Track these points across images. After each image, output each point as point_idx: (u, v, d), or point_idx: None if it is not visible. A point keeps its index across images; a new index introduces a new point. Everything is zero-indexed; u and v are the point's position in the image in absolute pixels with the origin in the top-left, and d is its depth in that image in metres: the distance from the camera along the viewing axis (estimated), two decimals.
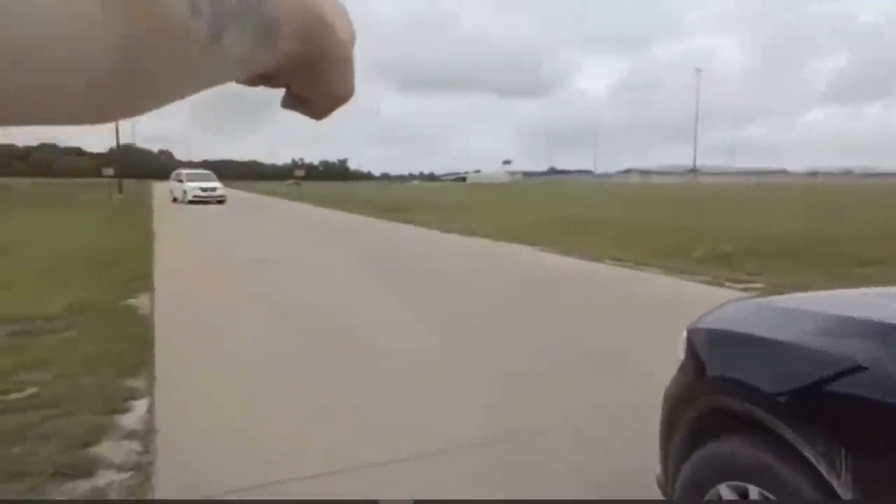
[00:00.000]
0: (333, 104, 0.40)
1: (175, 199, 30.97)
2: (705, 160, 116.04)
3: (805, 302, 2.01)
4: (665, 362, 2.20)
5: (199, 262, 10.47)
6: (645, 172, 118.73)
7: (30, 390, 3.99)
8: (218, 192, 30.14)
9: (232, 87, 0.36)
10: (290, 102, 0.40)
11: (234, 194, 37.71)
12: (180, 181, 31.32)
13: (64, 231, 15.29)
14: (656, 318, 6.16)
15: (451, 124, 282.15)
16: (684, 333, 2.08)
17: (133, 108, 0.28)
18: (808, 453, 1.50)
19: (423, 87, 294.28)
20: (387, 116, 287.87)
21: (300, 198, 36.63)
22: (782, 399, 1.61)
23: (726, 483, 1.77)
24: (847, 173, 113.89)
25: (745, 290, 7.57)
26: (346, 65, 0.38)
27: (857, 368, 1.48)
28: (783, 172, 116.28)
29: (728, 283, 8.05)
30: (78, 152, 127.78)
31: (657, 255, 10.49)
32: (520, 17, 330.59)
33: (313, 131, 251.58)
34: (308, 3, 0.34)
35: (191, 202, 28.83)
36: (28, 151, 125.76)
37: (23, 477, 2.84)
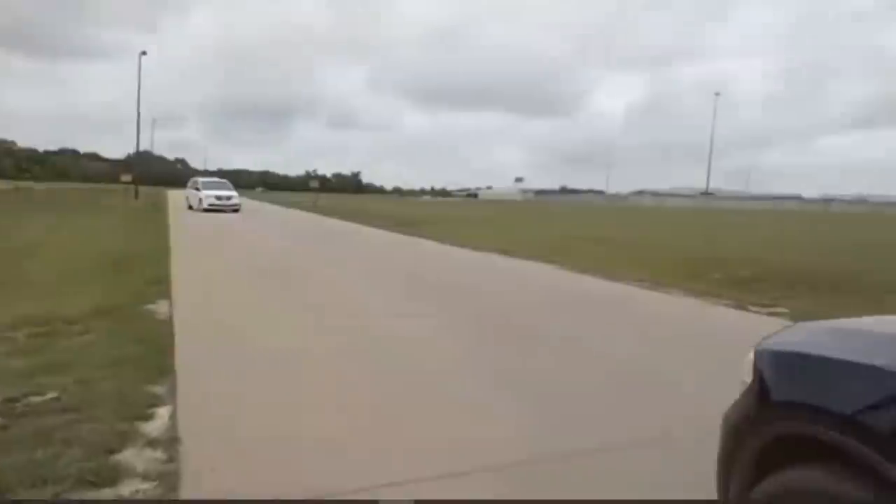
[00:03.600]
0: None
1: (191, 207, 31.14)
2: (719, 184, 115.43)
3: (877, 325, 1.90)
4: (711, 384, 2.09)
5: (216, 268, 10.44)
6: (657, 194, 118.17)
7: (50, 394, 3.92)
8: (233, 201, 30.29)
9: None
10: None
11: (249, 204, 37.88)
12: (196, 189, 31.53)
13: (83, 235, 15.35)
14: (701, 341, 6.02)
15: (465, 140, 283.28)
16: (750, 356, 1.97)
17: None
18: None
19: (438, 102, 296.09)
20: (400, 131, 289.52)
21: (314, 209, 36.73)
22: (873, 426, 1.50)
23: None
24: (862, 200, 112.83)
25: (770, 314, 7.43)
26: None
27: None
28: (798, 198, 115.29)
29: (751, 307, 7.90)
30: (96, 157, 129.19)
31: (677, 278, 10.34)
32: (538, 34, 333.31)
33: (327, 144, 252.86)
34: None
35: (206, 210, 28.98)
36: (47, 156, 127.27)
37: (45, 484, 2.76)
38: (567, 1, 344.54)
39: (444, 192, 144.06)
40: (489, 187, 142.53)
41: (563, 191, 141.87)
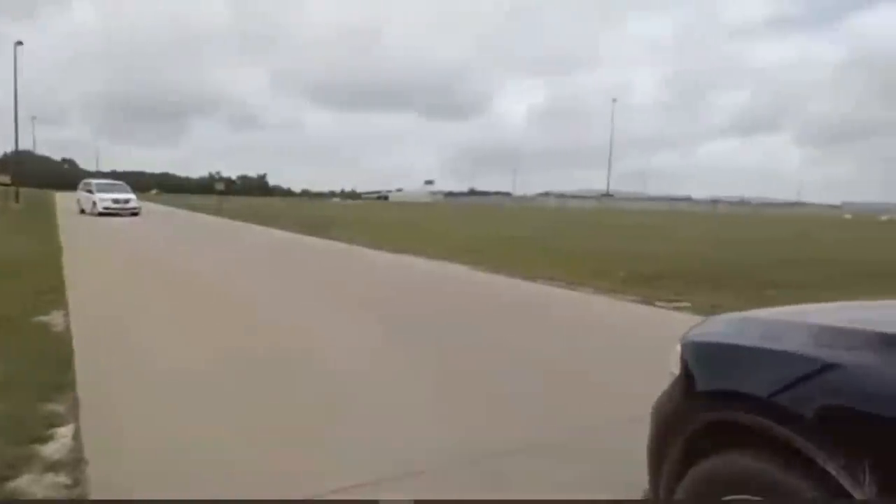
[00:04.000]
0: None
1: (83, 211, 29.16)
2: (619, 186, 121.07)
3: (791, 315, 2.03)
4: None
5: (115, 275, 9.80)
6: (562, 196, 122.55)
7: None
8: (131, 205, 28.64)
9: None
10: None
11: (150, 207, 35.87)
12: (89, 191, 29.58)
13: None
14: (609, 336, 6.25)
15: (374, 142, 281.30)
16: (678, 347, 2.06)
17: None
18: (823, 462, 1.50)
19: (346, 103, 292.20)
20: (307, 132, 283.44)
21: (218, 211, 35.30)
22: (792, 408, 1.60)
23: (730, 497, 1.75)
24: (744, 202, 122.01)
25: (675, 308, 7.87)
26: None
27: (866, 373, 1.49)
28: (689, 199, 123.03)
29: (658, 303, 8.33)
30: None
31: (585, 276, 10.73)
32: (444, 38, 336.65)
33: (230, 145, 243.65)
34: None
35: (101, 214, 27.19)
36: None
37: None
38: (470, 6, 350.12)
39: (353, 195, 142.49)
40: (399, 189, 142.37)
41: (472, 193, 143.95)
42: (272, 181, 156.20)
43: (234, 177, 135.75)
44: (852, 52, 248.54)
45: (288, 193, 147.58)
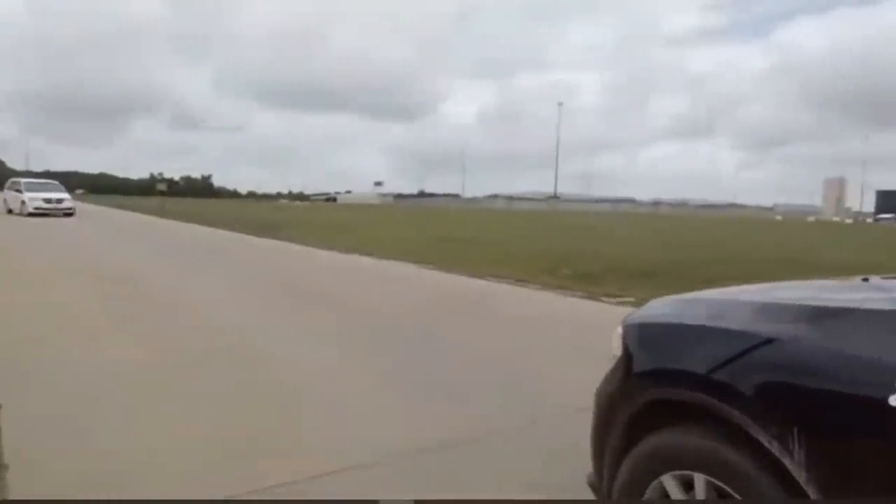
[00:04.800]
0: None
1: (10, 211, 27.75)
2: (565, 188, 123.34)
3: (727, 294, 2.09)
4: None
5: (43, 278, 9.34)
6: (510, 198, 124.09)
7: None
8: (65, 205, 27.44)
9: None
10: None
11: (86, 208, 34.45)
12: (18, 191, 28.15)
13: None
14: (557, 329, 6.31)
15: (323, 143, 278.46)
16: (619, 330, 2.09)
17: None
18: (757, 434, 1.54)
19: (293, 104, 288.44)
20: (254, 133, 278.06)
21: (162, 213, 34.20)
22: (727, 383, 1.63)
23: (670, 473, 1.78)
24: (684, 204, 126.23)
25: (619, 303, 8.04)
26: None
27: (800, 346, 1.54)
28: (632, 201, 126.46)
29: (603, 298, 8.50)
30: None
31: (532, 274, 10.87)
32: (391, 39, 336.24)
33: (172, 145, 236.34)
34: None
35: (31, 214, 25.92)
36: None
37: None
38: (417, 8, 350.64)
39: (301, 196, 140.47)
40: (348, 191, 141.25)
41: (421, 195, 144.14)
42: (217, 182, 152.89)
43: (177, 178, 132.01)
44: (778, 61, 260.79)
45: (234, 195, 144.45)
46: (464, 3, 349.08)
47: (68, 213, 27.09)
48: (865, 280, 1.98)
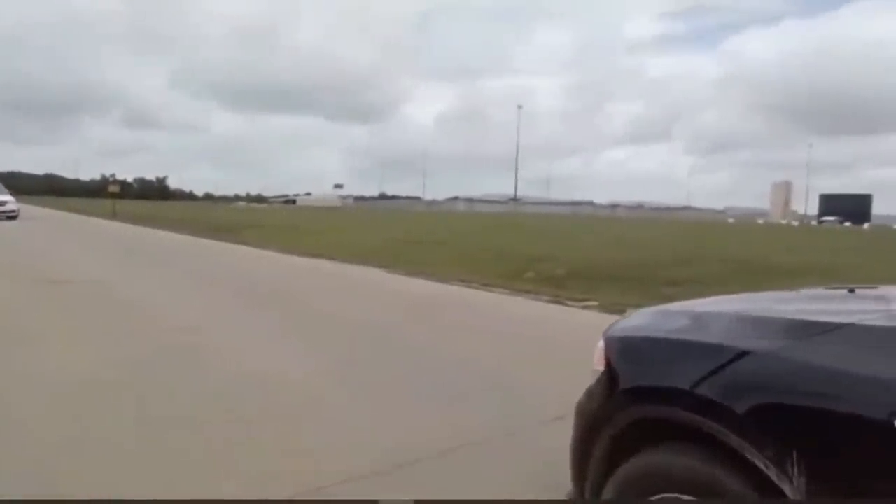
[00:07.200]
0: None
1: None
2: (526, 191, 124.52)
3: (710, 306, 2.02)
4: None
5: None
6: (471, 200, 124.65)
7: None
8: (8, 206, 26.26)
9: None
10: None
11: (31, 210, 33.09)
12: None
13: None
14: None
15: (281, 145, 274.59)
16: (601, 343, 2.00)
17: None
18: (752, 456, 1.47)
19: (251, 104, 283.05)
20: (210, 133, 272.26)
21: (113, 215, 33.11)
22: (723, 403, 1.56)
23: (659, 497, 1.70)
24: (640, 206, 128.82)
25: (584, 307, 8.05)
26: None
27: (791, 362, 1.48)
28: (591, 204, 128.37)
29: (568, 302, 8.50)
30: None
31: (497, 278, 10.84)
32: (352, 40, 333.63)
33: (125, 145, 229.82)
34: None
35: None
36: None
37: None
38: (378, 10, 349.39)
39: (259, 199, 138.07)
40: (308, 193, 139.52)
41: (383, 197, 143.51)
42: (173, 184, 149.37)
43: (130, 179, 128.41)
44: (730, 70, 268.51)
45: (190, 197, 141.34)
46: (427, 5, 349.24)
47: (11, 216, 25.98)
48: (851, 291, 1.94)
